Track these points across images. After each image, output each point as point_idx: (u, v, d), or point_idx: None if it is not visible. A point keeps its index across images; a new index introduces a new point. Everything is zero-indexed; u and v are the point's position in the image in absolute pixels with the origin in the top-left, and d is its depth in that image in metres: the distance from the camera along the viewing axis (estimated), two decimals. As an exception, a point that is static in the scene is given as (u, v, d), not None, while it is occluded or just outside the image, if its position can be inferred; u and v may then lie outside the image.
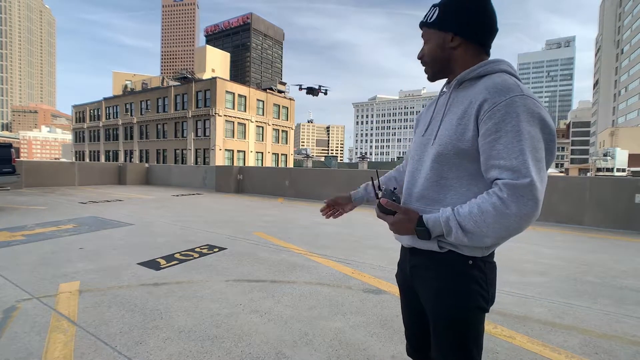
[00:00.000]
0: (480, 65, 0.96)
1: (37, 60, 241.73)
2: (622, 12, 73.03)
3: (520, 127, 0.82)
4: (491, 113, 0.86)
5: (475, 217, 0.84)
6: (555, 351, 2.05)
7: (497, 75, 0.92)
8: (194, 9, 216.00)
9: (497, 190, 0.83)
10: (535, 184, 0.80)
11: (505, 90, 0.86)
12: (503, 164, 0.83)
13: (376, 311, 2.56)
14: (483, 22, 0.97)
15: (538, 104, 0.86)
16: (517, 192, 0.80)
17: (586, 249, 4.68)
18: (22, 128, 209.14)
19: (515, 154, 0.82)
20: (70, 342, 2.04)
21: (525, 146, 0.82)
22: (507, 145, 0.83)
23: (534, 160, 0.82)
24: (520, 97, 0.84)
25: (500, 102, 0.85)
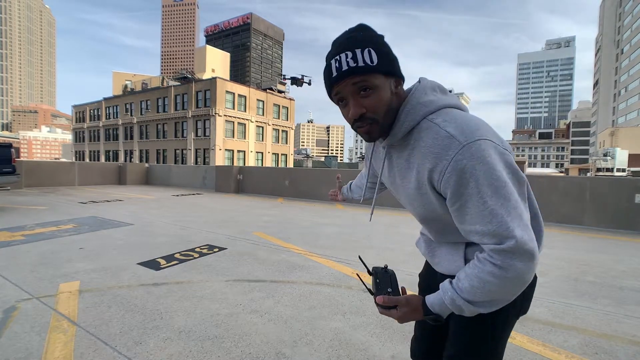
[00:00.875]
0: (403, 119, 0.86)
1: (37, 60, 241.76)
2: (622, 12, 73.02)
3: (479, 186, 0.75)
4: (444, 182, 0.79)
5: (479, 289, 0.79)
6: (555, 351, 2.05)
7: (425, 131, 0.84)
8: (194, 9, 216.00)
9: (488, 257, 0.78)
10: (522, 240, 0.74)
11: (443, 152, 0.78)
12: (480, 230, 0.77)
13: (376, 311, 2.55)
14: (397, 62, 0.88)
15: (484, 144, 0.76)
16: (510, 256, 0.75)
17: (586, 249, 4.68)
18: (22, 128, 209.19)
19: (488, 218, 0.75)
20: (70, 342, 2.04)
21: (493, 205, 0.75)
22: (475, 211, 0.77)
23: (509, 215, 0.75)
24: (462, 151, 0.76)
25: (445, 168, 0.78)
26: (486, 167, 0.75)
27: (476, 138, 0.76)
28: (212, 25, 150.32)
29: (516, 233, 0.74)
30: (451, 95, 0.91)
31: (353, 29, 0.88)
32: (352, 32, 0.86)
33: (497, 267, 0.77)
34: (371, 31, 0.87)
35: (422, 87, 0.89)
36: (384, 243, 4.75)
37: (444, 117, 0.83)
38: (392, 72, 0.85)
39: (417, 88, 0.89)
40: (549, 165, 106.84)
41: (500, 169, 0.76)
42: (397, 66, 0.86)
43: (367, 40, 0.83)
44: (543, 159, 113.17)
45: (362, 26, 0.87)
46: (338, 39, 0.87)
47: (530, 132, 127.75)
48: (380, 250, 4.35)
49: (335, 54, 0.83)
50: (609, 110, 77.81)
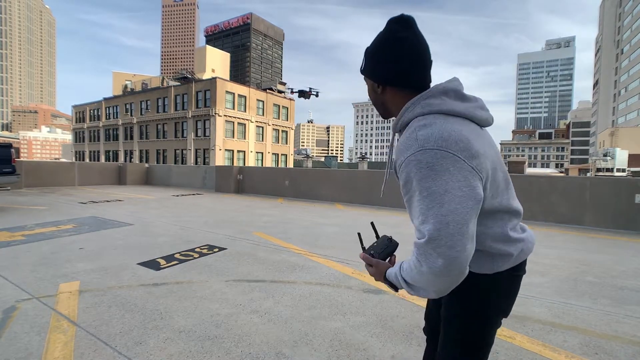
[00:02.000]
0: (403, 114, 0.97)
1: (37, 60, 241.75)
2: (622, 12, 73.03)
3: (419, 186, 0.84)
4: (399, 175, 0.91)
5: (409, 273, 0.88)
6: (555, 351, 2.05)
7: (408, 127, 0.94)
8: (194, 9, 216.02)
9: (414, 249, 0.87)
10: (434, 241, 0.80)
11: (405, 149, 0.88)
12: (414, 222, 0.88)
13: (376, 311, 2.56)
14: (402, 69, 0.96)
15: (440, 153, 0.83)
16: (422, 252, 0.82)
17: (586, 249, 4.68)
18: (22, 128, 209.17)
19: (417, 214, 0.85)
20: (70, 342, 2.04)
21: (424, 206, 0.83)
22: (415, 206, 0.87)
23: (433, 217, 0.81)
24: (416, 154, 0.84)
25: (401, 163, 0.88)
26: (430, 173, 0.83)
27: (434, 147, 0.84)
28: (212, 26, 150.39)
29: (432, 234, 0.80)
30: (455, 102, 0.95)
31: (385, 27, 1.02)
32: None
33: (416, 259, 0.85)
34: (381, 35, 1.00)
35: (432, 89, 0.96)
36: (384, 243, 4.74)
37: (425, 122, 0.90)
38: (371, 78, 1.03)
39: (429, 89, 0.96)
40: (549, 165, 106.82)
41: (446, 179, 0.82)
42: (377, 72, 1.00)
43: (370, 46, 1.02)
44: (543, 159, 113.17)
45: (386, 26, 1.00)
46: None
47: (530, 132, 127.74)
48: (380, 250, 4.35)
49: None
50: (609, 110, 77.80)
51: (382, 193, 1.34)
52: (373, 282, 3.19)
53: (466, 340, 0.99)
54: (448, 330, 1.03)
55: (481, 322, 0.99)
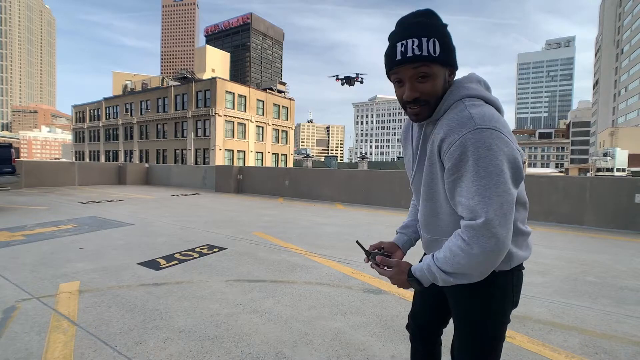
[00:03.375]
0: (445, 99, 0.95)
1: (37, 60, 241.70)
2: (622, 12, 73.02)
3: (476, 166, 0.83)
4: (449, 154, 0.87)
5: (450, 260, 0.88)
6: (555, 351, 2.05)
7: (454, 107, 0.92)
8: (194, 9, 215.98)
9: (460, 232, 0.87)
10: (491, 222, 0.81)
11: (457, 127, 0.86)
12: (464, 202, 0.86)
13: (376, 311, 2.55)
14: (454, 51, 0.95)
15: (495, 134, 0.83)
16: (475, 233, 0.83)
17: (586, 249, 4.68)
18: (22, 128, 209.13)
19: (471, 194, 0.84)
20: (70, 342, 2.04)
21: (481, 185, 0.83)
22: (466, 185, 0.85)
23: (490, 198, 0.82)
24: (474, 132, 0.83)
25: (454, 141, 0.86)
26: (488, 153, 0.82)
27: (491, 126, 0.84)
28: (212, 25, 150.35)
29: (489, 215, 0.82)
30: (487, 91, 0.99)
31: (421, 12, 0.93)
32: (419, 17, 0.92)
33: (464, 242, 0.85)
34: (437, 20, 0.93)
35: (469, 76, 0.99)
36: (384, 243, 4.74)
37: (474, 103, 0.90)
38: (450, 63, 0.93)
39: (465, 76, 0.99)
40: (549, 165, 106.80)
41: (501, 159, 0.83)
42: (454, 57, 0.94)
43: (433, 30, 0.90)
44: (543, 159, 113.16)
45: (429, 12, 0.93)
46: (405, 20, 0.93)
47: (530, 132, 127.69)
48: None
49: (402, 37, 0.90)
50: (609, 110, 77.79)
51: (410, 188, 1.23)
52: (373, 282, 3.19)
53: (491, 337, 1.00)
54: (471, 331, 1.02)
55: (502, 319, 1.00)
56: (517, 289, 1.03)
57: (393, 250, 1.21)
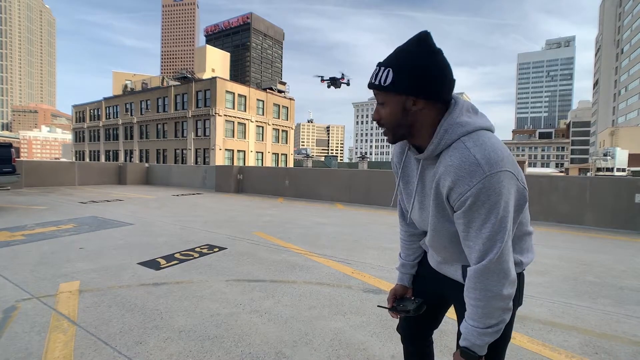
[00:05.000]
0: (441, 136, 0.92)
1: (37, 60, 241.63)
2: (622, 12, 72.97)
3: (489, 214, 0.86)
4: (460, 203, 0.89)
5: (484, 317, 0.91)
6: (555, 351, 2.05)
7: (455, 148, 0.90)
8: (194, 9, 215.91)
9: (475, 282, 0.91)
10: (502, 256, 0.87)
11: (467, 177, 0.86)
12: (474, 247, 0.90)
13: (376, 311, 2.55)
14: (444, 79, 0.91)
15: (503, 175, 0.84)
16: (492, 272, 0.88)
17: (586, 249, 4.68)
18: (22, 128, 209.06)
19: (483, 239, 0.87)
20: (70, 342, 2.04)
21: (493, 231, 0.86)
22: (477, 231, 0.88)
23: (501, 241, 0.87)
24: (484, 181, 0.84)
25: (464, 192, 0.86)
26: (499, 199, 0.85)
27: (498, 169, 0.85)
28: (212, 25, 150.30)
29: (498, 255, 0.87)
30: (482, 116, 0.97)
31: (409, 41, 0.94)
32: (400, 47, 0.94)
33: (482, 288, 0.89)
34: (410, 47, 0.92)
35: (459, 107, 0.94)
36: (384, 243, 4.75)
37: (474, 141, 0.89)
38: (408, 92, 0.91)
39: (454, 108, 0.94)
40: (549, 165, 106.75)
41: (509, 200, 0.87)
42: (418, 86, 0.90)
43: (394, 59, 0.92)
44: (543, 158, 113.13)
45: (417, 38, 0.92)
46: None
47: (530, 132, 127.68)
48: (380, 250, 4.35)
49: (378, 65, 0.96)
50: (609, 110, 77.76)
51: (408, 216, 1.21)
52: (373, 282, 3.19)
53: (502, 339, 0.99)
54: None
55: (512, 321, 1.02)
56: (522, 289, 1.04)
57: (404, 291, 1.26)
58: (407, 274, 1.26)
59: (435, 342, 1.34)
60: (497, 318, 0.91)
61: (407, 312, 1.14)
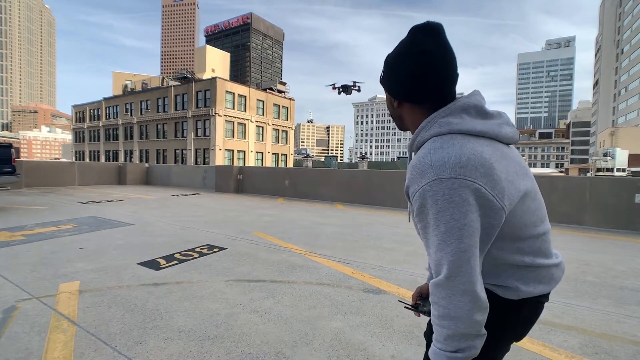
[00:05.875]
0: (417, 132, 0.90)
1: (37, 60, 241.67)
2: (622, 12, 73.01)
3: (436, 220, 0.78)
4: (413, 202, 0.84)
5: (448, 336, 0.80)
6: (555, 351, 2.05)
7: (423, 147, 0.86)
8: (194, 9, 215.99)
9: (433, 293, 0.82)
10: (457, 277, 0.77)
11: (418, 176, 0.81)
12: (431, 254, 0.82)
13: (376, 311, 2.55)
14: (422, 85, 0.87)
15: (457, 182, 0.76)
16: (445, 291, 0.79)
17: (586, 249, 4.68)
18: (22, 128, 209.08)
19: (434, 248, 0.80)
20: (70, 342, 2.04)
21: (442, 241, 0.78)
22: (430, 238, 0.81)
23: (452, 255, 0.77)
24: (432, 184, 0.78)
25: (415, 192, 0.82)
26: (448, 206, 0.77)
27: (452, 175, 0.77)
28: (212, 25, 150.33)
29: (452, 271, 0.77)
30: (476, 120, 0.87)
31: (406, 36, 0.92)
32: (402, 40, 0.93)
33: (435, 304, 0.81)
34: (403, 44, 0.90)
35: (453, 106, 0.87)
36: (384, 243, 4.75)
37: (441, 144, 0.82)
38: (390, 93, 0.94)
39: (448, 106, 0.87)
40: (549, 165, 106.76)
41: (465, 210, 0.77)
42: (397, 91, 0.91)
43: (390, 57, 0.92)
44: (543, 159, 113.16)
45: (407, 37, 0.90)
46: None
47: (530, 132, 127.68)
48: (380, 250, 4.35)
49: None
50: (609, 110, 77.78)
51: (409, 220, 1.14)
52: (373, 282, 3.19)
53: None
54: None
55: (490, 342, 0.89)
56: (525, 321, 0.94)
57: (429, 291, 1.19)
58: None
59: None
60: (465, 343, 0.79)
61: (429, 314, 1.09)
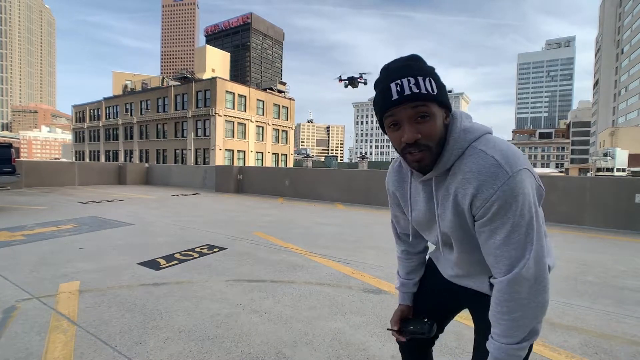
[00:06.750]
0: (452, 146, 0.88)
1: (37, 60, 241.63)
2: (622, 12, 72.99)
3: (517, 216, 0.81)
4: (485, 209, 0.84)
5: (518, 327, 0.85)
6: (555, 351, 2.05)
7: (469, 155, 0.87)
8: (194, 9, 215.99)
9: (506, 291, 0.85)
10: (532, 264, 0.81)
11: (490, 180, 0.82)
12: (502, 255, 0.84)
13: (376, 311, 2.56)
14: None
15: (523, 173, 0.82)
16: (521, 283, 0.82)
17: (586, 249, 4.68)
18: (22, 128, 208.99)
19: (512, 245, 0.82)
20: (70, 342, 2.04)
21: (522, 234, 0.82)
22: (506, 237, 0.83)
23: (531, 244, 0.82)
24: (509, 181, 0.80)
25: (490, 196, 0.82)
26: (525, 199, 0.82)
27: (519, 168, 0.82)
28: (212, 25, 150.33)
29: (530, 262, 0.81)
30: (477, 122, 0.95)
31: (408, 57, 0.90)
32: (409, 61, 0.88)
33: (518, 300, 0.83)
34: (425, 63, 0.90)
35: (459, 115, 0.92)
36: (384, 243, 4.74)
37: (486, 144, 0.86)
38: (446, 103, 0.88)
39: (455, 117, 0.91)
40: (549, 165, 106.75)
41: (532, 199, 0.84)
42: (447, 98, 0.90)
43: (427, 71, 0.86)
44: (543, 158, 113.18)
45: (416, 57, 0.90)
46: (392, 65, 0.88)
47: (530, 132, 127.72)
48: (380, 250, 4.35)
49: (396, 78, 0.84)
50: (609, 110, 77.78)
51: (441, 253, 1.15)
52: (373, 282, 3.19)
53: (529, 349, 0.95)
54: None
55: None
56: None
57: (410, 311, 1.22)
58: (409, 292, 1.23)
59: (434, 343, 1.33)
60: (532, 329, 0.86)
61: (422, 334, 1.10)
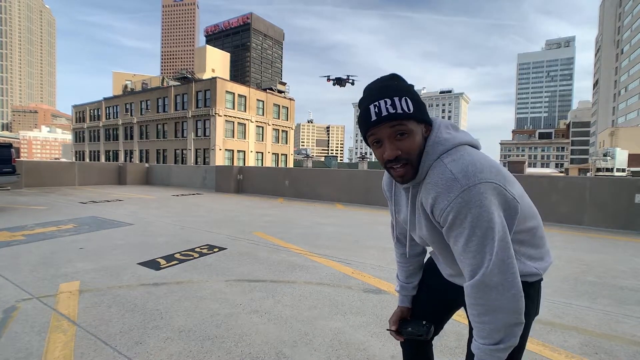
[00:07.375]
0: (424, 159, 0.94)
1: (37, 60, 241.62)
2: (622, 12, 72.99)
3: (472, 227, 0.84)
4: (442, 219, 0.89)
5: (492, 330, 0.87)
6: (555, 351, 2.05)
7: (434, 168, 0.92)
8: (194, 9, 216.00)
9: (472, 295, 0.88)
10: (491, 272, 0.84)
11: (445, 192, 0.86)
12: (465, 261, 0.88)
13: (376, 311, 2.56)
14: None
15: (482, 187, 0.84)
16: (481, 288, 0.85)
17: (586, 249, 4.68)
18: (22, 128, 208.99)
19: (471, 253, 0.86)
20: (70, 342, 2.04)
21: (479, 243, 0.84)
22: (465, 246, 0.86)
23: (490, 254, 0.84)
24: (462, 194, 0.84)
25: (445, 207, 0.87)
26: (481, 210, 0.83)
27: (477, 182, 0.84)
28: (212, 25, 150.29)
29: (489, 269, 0.84)
30: (463, 132, 0.99)
31: (386, 77, 0.96)
32: (386, 81, 0.95)
33: (478, 304, 0.87)
34: (404, 81, 0.96)
35: (437, 126, 0.97)
36: (384, 243, 4.74)
37: (453, 157, 0.90)
38: (424, 119, 0.94)
39: (434, 128, 0.96)
40: (549, 165, 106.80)
41: (493, 210, 0.84)
42: (427, 114, 0.96)
43: (403, 90, 0.92)
44: (543, 159, 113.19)
45: (395, 76, 0.96)
46: (373, 86, 0.95)
47: (530, 132, 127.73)
48: (380, 250, 4.35)
49: (374, 99, 0.91)
50: (609, 110, 77.77)
51: (407, 254, 1.23)
52: (373, 282, 3.19)
53: (519, 346, 0.95)
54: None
55: (528, 329, 0.99)
56: (536, 298, 1.04)
57: (409, 313, 1.26)
58: (408, 295, 1.26)
59: (435, 342, 1.34)
60: (507, 332, 0.87)
61: (420, 336, 1.13)
